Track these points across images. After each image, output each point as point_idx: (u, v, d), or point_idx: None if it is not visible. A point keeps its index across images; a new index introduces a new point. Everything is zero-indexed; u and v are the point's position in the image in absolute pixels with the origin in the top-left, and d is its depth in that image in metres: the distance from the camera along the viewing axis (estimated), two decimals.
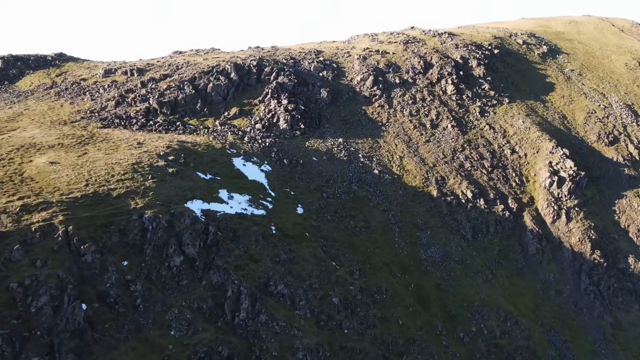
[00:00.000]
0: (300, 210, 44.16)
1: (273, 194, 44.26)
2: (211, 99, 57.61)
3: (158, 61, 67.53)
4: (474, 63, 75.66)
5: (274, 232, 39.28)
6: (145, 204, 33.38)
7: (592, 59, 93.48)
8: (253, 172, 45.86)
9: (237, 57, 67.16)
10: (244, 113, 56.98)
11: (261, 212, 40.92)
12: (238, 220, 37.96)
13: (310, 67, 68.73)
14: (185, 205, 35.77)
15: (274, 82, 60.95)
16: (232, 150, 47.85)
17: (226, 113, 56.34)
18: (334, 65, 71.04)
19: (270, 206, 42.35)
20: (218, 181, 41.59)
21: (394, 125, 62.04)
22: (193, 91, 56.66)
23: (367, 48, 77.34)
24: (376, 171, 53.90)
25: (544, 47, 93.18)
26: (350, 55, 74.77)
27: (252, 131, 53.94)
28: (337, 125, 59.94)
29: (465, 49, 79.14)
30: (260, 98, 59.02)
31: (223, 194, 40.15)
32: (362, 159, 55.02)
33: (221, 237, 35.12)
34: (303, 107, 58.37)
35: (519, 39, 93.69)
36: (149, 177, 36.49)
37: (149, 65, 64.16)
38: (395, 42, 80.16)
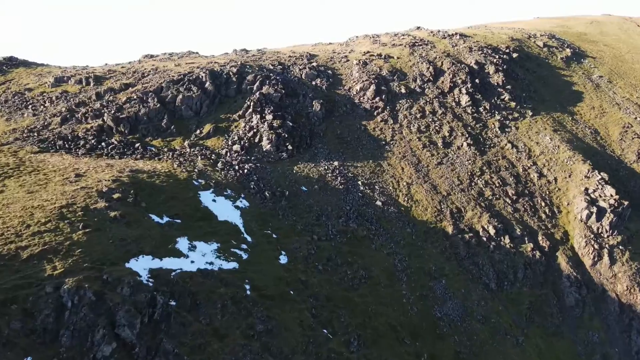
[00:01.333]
0: (283, 259, 36.38)
1: (250, 239, 36.48)
2: (180, 114, 49.91)
3: (122, 67, 59.90)
4: (490, 69, 68.19)
5: (248, 293, 31.49)
6: (67, 269, 25.57)
7: (621, 64, 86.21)
8: (225, 209, 38.07)
9: (215, 62, 59.56)
10: (220, 131, 49.26)
11: (232, 265, 33.15)
12: (200, 280, 30.19)
13: (301, 74, 61.15)
14: (127, 265, 27.97)
15: (257, 92, 53.31)
16: (200, 180, 40.06)
17: (198, 131, 48.63)
18: (329, 72, 63.46)
19: (245, 256, 34.55)
20: (177, 226, 33.79)
21: (400, 144, 54.40)
22: (158, 104, 48.96)
23: (368, 52, 69.85)
24: (379, 202, 46.22)
25: (567, 50, 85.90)
26: (348, 60, 67.25)
27: (228, 154, 46.19)
28: (332, 145, 52.26)
29: (480, 52, 71.72)
30: (240, 112, 51.34)
31: (182, 243, 32.36)
32: (362, 187, 47.34)
33: (174, 309, 27.32)
34: (291, 124, 50.69)
35: (538, 41, 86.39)
36: (80, 227, 28.66)
37: (110, 72, 56.50)
38: (400, 45, 72.70)
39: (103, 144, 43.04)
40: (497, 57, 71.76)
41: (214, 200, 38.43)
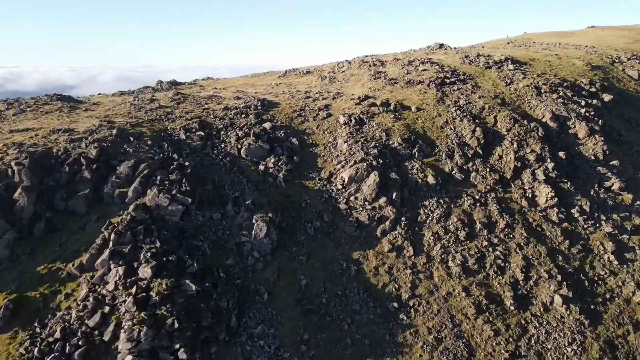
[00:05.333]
0: None
1: None
2: None
3: None
4: (580, 129, 43.32)
5: None
6: None
7: None
8: None
9: (69, 131, 34.40)
10: (26, 313, 23.96)
11: None
12: None
13: (238, 149, 36.04)
14: None
15: (134, 204, 28.20)
16: None
17: None
18: (294, 140, 38.34)
19: None
20: None
21: (429, 307, 29.22)
22: None
23: (366, 96, 44.86)
24: None
25: None
26: (330, 115, 42.26)
27: None
28: (286, 323, 26.97)
29: (555, 95, 46.94)
30: (85, 259, 26.12)
31: None
32: None
33: None
34: (194, 286, 25.34)
35: (629, 69, 61.97)
36: None
37: None
38: (419, 83, 47.88)
39: None
40: (583, 102, 46.97)
41: None
